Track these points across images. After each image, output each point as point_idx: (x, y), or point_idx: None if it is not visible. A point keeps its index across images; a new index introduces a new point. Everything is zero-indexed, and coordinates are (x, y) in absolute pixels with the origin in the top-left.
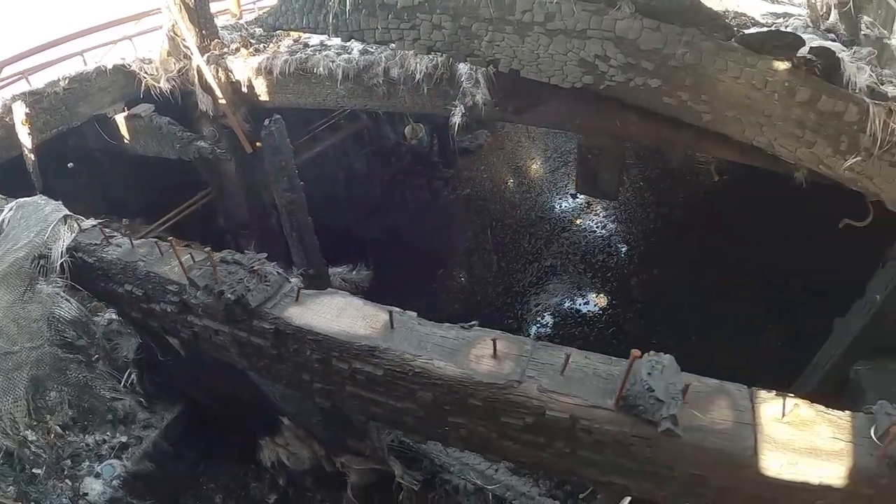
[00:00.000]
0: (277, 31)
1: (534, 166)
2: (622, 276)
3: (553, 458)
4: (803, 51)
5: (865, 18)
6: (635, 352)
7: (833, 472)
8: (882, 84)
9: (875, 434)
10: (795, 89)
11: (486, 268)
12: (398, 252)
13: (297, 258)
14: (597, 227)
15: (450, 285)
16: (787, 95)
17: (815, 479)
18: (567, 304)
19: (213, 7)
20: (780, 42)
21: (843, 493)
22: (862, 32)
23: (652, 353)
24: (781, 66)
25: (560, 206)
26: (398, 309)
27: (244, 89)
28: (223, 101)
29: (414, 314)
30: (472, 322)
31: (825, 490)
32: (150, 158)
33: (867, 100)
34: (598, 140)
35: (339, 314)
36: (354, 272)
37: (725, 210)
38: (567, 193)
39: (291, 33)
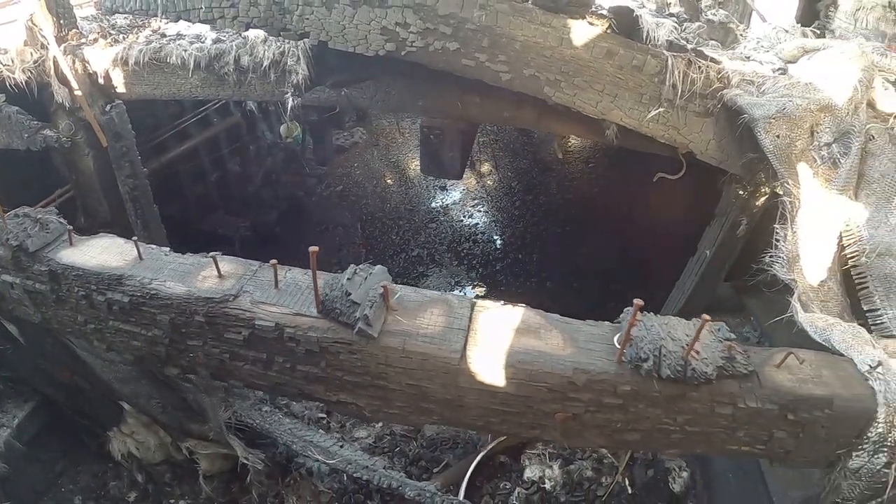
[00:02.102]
0: (140, 22)
1: (406, 161)
2: (487, 262)
3: (280, 376)
4: (602, 10)
5: (722, 12)
6: (313, 249)
7: (564, 377)
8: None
9: (618, 341)
10: (592, 45)
11: (354, 261)
12: (269, 248)
13: None
14: (464, 217)
15: None
16: (584, 51)
17: (543, 385)
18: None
19: None
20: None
21: (584, 402)
22: (706, 17)
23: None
24: (576, 23)
25: (429, 198)
26: (154, 246)
27: (101, 81)
28: (79, 93)
29: (167, 249)
30: (215, 251)
31: (561, 398)
32: (15, 154)
33: (666, 52)
34: (439, 121)
35: (102, 252)
36: None
37: (589, 194)
38: (437, 186)
39: (151, 23)
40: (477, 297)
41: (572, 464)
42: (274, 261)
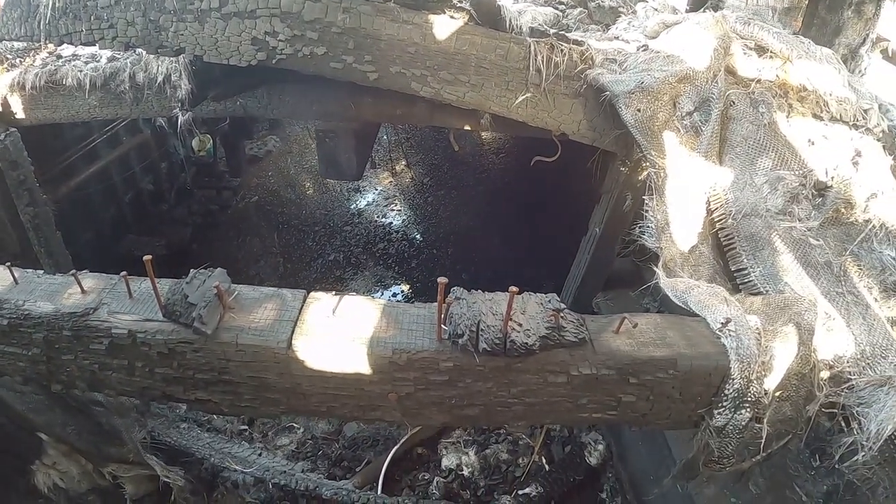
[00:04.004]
0: (35, 45)
1: None
2: (402, 260)
3: (143, 380)
4: (463, 3)
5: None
6: (147, 257)
7: (385, 358)
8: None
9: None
10: (454, 38)
11: (272, 271)
12: (185, 266)
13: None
14: (378, 217)
15: None
16: (447, 45)
17: (369, 367)
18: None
19: None
20: None
21: (412, 380)
22: (594, 3)
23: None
24: (437, 18)
25: (344, 201)
26: (31, 270)
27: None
28: None
29: (41, 272)
30: (85, 269)
31: (389, 378)
32: None
33: (529, 39)
34: (333, 124)
35: None
36: None
37: (500, 185)
38: (351, 188)
39: (50, 45)
40: (397, 294)
41: (488, 448)
42: (124, 273)
